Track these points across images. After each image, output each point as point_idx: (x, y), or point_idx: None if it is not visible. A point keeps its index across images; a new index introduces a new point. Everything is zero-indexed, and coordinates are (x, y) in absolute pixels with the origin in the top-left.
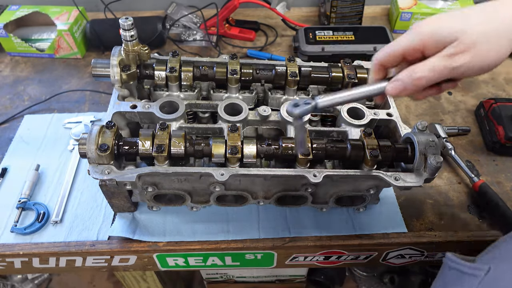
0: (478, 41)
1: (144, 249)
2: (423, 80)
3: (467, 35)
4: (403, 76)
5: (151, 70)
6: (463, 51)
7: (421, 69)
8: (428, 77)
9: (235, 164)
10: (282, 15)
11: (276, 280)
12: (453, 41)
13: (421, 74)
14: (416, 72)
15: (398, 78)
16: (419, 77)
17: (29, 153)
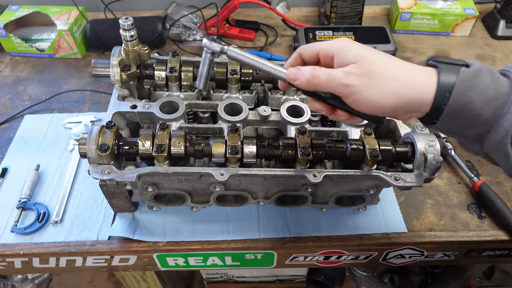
0: (371, 73)
1: (144, 249)
2: (317, 79)
3: (366, 61)
4: (306, 69)
5: (151, 70)
6: (357, 74)
7: (321, 71)
8: (323, 79)
9: (235, 164)
10: (282, 15)
11: (276, 280)
12: (355, 62)
13: (319, 74)
14: (316, 71)
15: (301, 68)
16: (316, 76)
17: (29, 153)
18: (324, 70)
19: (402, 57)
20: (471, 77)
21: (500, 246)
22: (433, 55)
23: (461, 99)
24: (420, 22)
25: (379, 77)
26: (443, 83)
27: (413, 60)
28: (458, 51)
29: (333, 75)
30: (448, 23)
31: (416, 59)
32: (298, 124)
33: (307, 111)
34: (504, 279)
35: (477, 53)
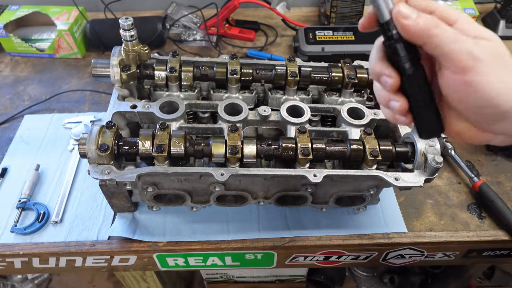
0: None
1: (144, 249)
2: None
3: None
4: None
5: (151, 70)
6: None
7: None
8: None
9: (235, 164)
10: (282, 15)
11: (276, 280)
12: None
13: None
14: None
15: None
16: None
17: (29, 153)
18: (448, 26)
19: None
20: None
21: (500, 246)
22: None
23: None
24: None
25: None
26: None
27: None
28: None
29: (462, 36)
30: None
31: None
32: (298, 124)
33: (307, 111)
34: (504, 279)
35: None
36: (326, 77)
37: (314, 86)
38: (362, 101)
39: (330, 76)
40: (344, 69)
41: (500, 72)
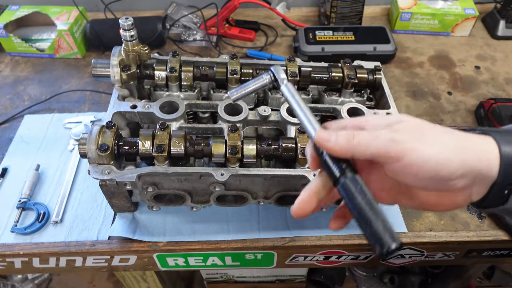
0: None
1: (144, 249)
2: (358, 138)
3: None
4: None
5: (151, 70)
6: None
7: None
8: (364, 138)
9: (235, 164)
10: (282, 15)
11: (276, 280)
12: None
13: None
14: (356, 131)
15: (335, 128)
16: (357, 134)
17: (29, 153)
18: (362, 131)
19: (402, 57)
20: None
21: (500, 246)
22: None
23: None
24: (420, 22)
25: (433, 132)
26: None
27: (413, 60)
28: (458, 51)
29: (378, 132)
30: (448, 23)
31: (416, 59)
32: (298, 124)
33: None
34: (504, 279)
35: (477, 53)
36: (326, 77)
37: (314, 86)
38: (362, 101)
39: (330, 76)
40: (344, 69)
41: (428, 142)
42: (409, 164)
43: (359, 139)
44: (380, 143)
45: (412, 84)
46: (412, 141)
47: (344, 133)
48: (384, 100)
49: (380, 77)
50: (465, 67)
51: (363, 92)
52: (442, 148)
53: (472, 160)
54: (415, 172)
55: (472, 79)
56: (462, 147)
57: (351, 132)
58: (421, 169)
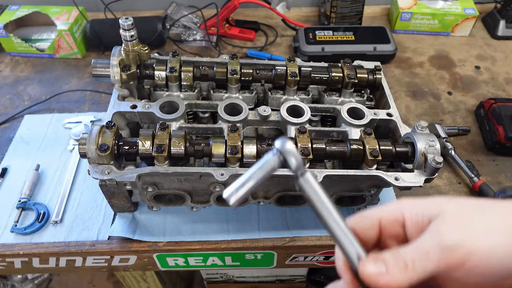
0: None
1: (144, 249)
2: (412, 265)
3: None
4: (387, 257)
5: (151, 70)
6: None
7: (406, 251)
8: (417, 262)
9: (235, 164)
10: (282, 15)
11: (276, 280)
12: (438, 214)
13: (408, 256)
14: (401, 254)
15: (379, 257)
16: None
17: (29, 153)
18: (407, 247)
19: (402, 57)
20: None
21: None
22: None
23: None
24: (420, 22)
25: (480, 218)
26: None
27: (413, 60)
28: (458, 51)
29: (424, 246)
30: (448, 23)
31: (416, 59)
32: (298, 124)
33: (307, 111)
34: None
35: (477, 53)
36: (326, 77)
37: (314, 86)
38: (362, 101)
39: (330, 76)
40: (344, 69)
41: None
42: (473, 267)
43: (411, 264)
44: (433, 259)
45: (412, 84)
46: (468, 240)
47: (393, 262)
48: (384, 100)
49: (380, 77)
50: (465, 67)
51: (363, 92)
52: (503, 238)
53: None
54: (479, 273)
55: (472, 79)
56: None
57: (401, 257)
58: (487, 267)
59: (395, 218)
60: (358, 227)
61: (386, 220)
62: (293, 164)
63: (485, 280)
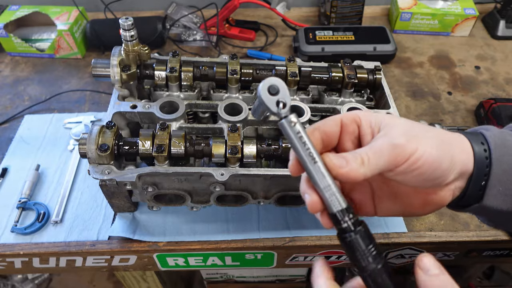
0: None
1: (144, 249)
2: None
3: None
4: (347, 155)
5: (151, 70)
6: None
7: (362, 150)
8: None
9: (235, 164)
10: (282, 15)
11: (276, 280)
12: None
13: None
14: (357, 152)
15: (342, 154)
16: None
17: (29, 153)
18: (363, 148)
19: (402, 57)
20: (500, 141)
21: (500, 246)
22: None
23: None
24: (420, 22)
25: (420, 131)
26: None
27: (413, 60)
28: (458, 51)
29: (377, 145)
30: (448, 23)
31: (416, 59)
32: None
33: (307, 111)
34: (504, 279)
35: (477, 53)
36: (326, 77)
37: (314, 86)
38: (362, 101)
39: (330, 76)
40: (344, 69)
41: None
42: (416, 161)
43: (367, 161)
44: (385, 155)
45: (412, 84)
46: (412, 140)
47: (352, 157)
48: (384, 100)
49: (380, 77)
50: (465, 67)
51: (363, 92)
52: (436, 144)
53: (457, 155)
54: (421, 168)
55: (472, 79)
56: (448, 143)
57: (358, 154)
58: (426, 163)
59: (353, 118)
60: (324, 126)
61: (346, 119)
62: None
63: (423, 181)
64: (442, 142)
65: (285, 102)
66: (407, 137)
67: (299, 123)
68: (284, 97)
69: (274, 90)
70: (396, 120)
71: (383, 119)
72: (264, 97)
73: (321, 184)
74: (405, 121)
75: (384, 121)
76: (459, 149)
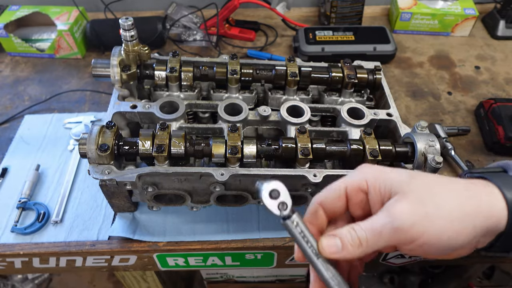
0: (425, 199)
1: (144, 249)
2: (364, 242)
3: (412, 186)
4: (343, 232)
5: (151, 70)
6: (409, 207)
7: (360, 227)
8: (369, 240)
9: (235, 164)
10: (282, 15)
11: (276, 280)
12: (397, 192)
13: (360, 234)
14: (356, 230)
15: (336, 233)
16: (358, 238)
17: (29, 153)
18: (362, 224)
19: (402, 57)
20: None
21: None
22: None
23: None
24: (420, 22)
25: (436, 201)
26: (509, 195)
27: (413, 60)
28: (458, 51)
29: (377, 226)
30: (448, 23)
31: (416, 59)
32: (298, 124)
33: (307, 111)
34: (504, 279)
35: (477, 53)
36: (326, 77)
37: (314, 86)
38: (362, 101)
39: (330, 76)
40: (344, 69)
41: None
42: (421, 245)
43: (365, 242)
44: (385, 238)
45: (412, 84)
46: (418, 223)
47: (348, 239)
48: (384, 100)
49: (380, 77)
50: (465, 67)
51: (363, 92)
52: (451, 220)
53: (482, 223)
54: (426, 250)
55: (472, 79)
56: (471, 213)
57: (355, 235)
58: (433, 246)
59: (359, 187)
60: (328, 201)
61: (351, 189)
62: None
63: (432, 254)
64: (463, 214)
65: (286, 203)
66: (415, 218)
67: (301, 221)
68: (285, 199)
69: (276, 194)
70: (410, 185)
71: (394, 183)
72: (266, 203)
73: (326, 275)
74: (422, 185)
75: (395, 186)
76: (485, 216)
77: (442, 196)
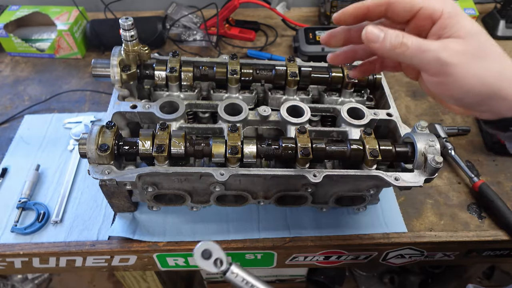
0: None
1: (144, 249)
2: (405, 47)
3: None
4: (391, 31)
5: (151, 70)
6: (462, 52)
7: (411, 39)
8: (412, 48)
9: (235, 164)
10: (282, 15)
11: (276, 280)
12: (463, 38)
13: (408, 41)
14: (405, 37)
15: (384, 29)
16: (404, 43)
17: (29, 153)
18: (414, 38)
19: None
20: None
21: (500, 246)
22: None
23: None
24: None
25: (488, 59)
26: None
27: None
28: None
29: (427, 46)
30: None
31: None
32: (298, 124)
33: (307, 111)
34: (504, 279)
35: None
36: (326, 77)
37: (314, 86)
38: (362, 101)
39: (330, 76)
40: (344, 69)
41: (471, 67)
42: (444, 83)
43: (404, 49)
44: (426, 58)
45: (412, 84)
46: (462, 66)
47: (394, 36)
48: (384, 100)
49: (380, 77)
50: None
51: (363, 92)
52: (482, 77)
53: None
54: (446, 89)
55: None
56: (501, 73)
57: (401, 38)
58: (451, 89)
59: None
60: (396, 4)
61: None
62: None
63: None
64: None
65: (221, 259)
66: (462, 60)
67: (241, 270)
68: (218, 255)
69: (207, 254)
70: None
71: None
72: (201, 265)
73: None
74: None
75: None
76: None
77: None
